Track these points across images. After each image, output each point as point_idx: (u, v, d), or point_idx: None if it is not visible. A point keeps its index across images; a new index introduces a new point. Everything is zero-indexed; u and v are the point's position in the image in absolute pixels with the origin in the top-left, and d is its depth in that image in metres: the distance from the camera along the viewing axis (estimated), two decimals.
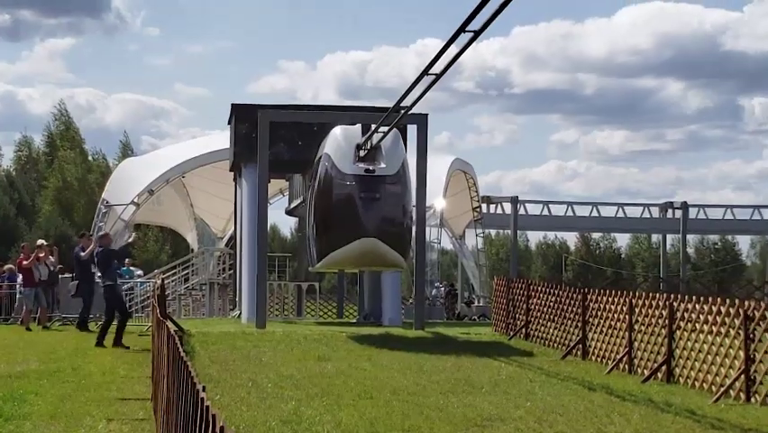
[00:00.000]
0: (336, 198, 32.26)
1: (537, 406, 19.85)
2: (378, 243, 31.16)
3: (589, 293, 30.86)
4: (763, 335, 21.52)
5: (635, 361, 26.51)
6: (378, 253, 31.87)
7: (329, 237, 33.09)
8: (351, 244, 31.44)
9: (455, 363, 28.01)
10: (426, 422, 17.65)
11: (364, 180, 31.51)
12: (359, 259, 33.17)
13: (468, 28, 19.23)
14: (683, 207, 75.73)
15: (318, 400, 19.93)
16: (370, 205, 31.35)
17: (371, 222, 31.35)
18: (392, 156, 32.27)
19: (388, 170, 31.87)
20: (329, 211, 32.81)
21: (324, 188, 32.64)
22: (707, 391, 22.54)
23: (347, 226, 31.72)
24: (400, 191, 32.77)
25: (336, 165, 31.86)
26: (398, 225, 32.79)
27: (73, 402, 19.83)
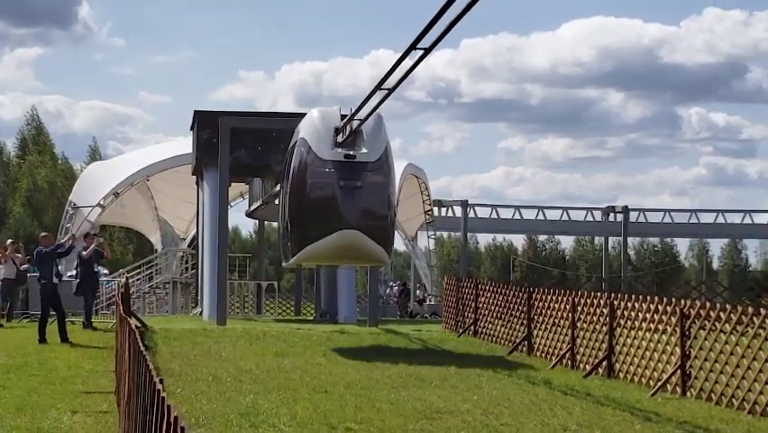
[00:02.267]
0: (313, 186, 27.69)
1: (484, 399, 19.87)
2: (359, 235, 26.81)
3: (534, 292, 31.00)
4: (698, 332, 21.66)
5: (577, 357, 26.63)
6: (359, 247, 27.46)
7: (305, 229, 28.34)
8: (329, 237, 27.00)
9: (406, 358, 28.00)
10: (378, 415, 17.65)
11: (344, 167, 26.89)
12: (338, 253, 28.62)
13: (419, 45, 19.20)
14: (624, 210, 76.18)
15: (275, 394, 19.89)
16: (350, 194, 26.91)
17: (352, 212, 26.93)
18: (374, 141, 27.39)
19: (370, 156, 27.09)
20: (305, 201, 28.01)
21: (299, 176, 27.84)
22: (645, 385, 22.70)
23: (325, 217, 27.15)
24: (383, 179, 28.02)
25: (313, 150, 27.20)
26: (381, 215, 28.27)
27: (39, 395, 19.72)
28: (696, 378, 21.40)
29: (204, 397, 19.36)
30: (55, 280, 31.88)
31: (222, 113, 46.13)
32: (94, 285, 35.32)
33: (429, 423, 16.97)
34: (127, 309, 24.42)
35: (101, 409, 17.84)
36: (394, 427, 16.53)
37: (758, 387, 19.08)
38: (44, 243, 33.30)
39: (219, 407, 18.18)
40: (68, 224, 58.56)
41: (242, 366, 24.65)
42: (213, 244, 44.52)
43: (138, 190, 61.51)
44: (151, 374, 8.83)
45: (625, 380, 23.87)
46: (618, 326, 24.94)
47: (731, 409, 19.54)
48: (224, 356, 26.81)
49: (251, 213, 55.33)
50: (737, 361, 19.92)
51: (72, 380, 22.22)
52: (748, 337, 19.84)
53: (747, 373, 19.52)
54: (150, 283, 59.34)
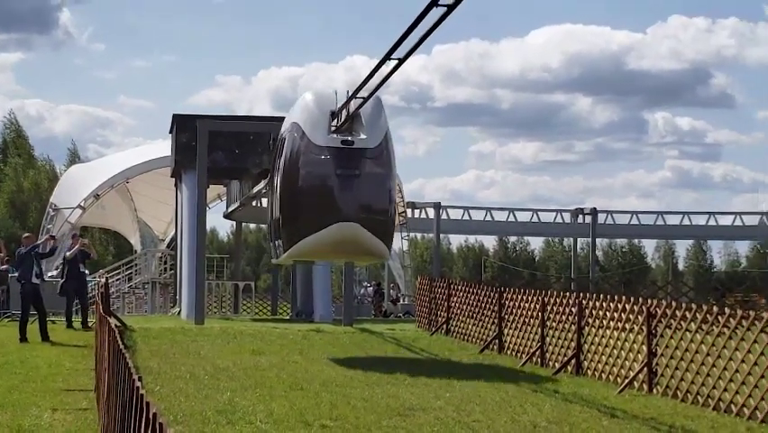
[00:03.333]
0: (307, 175, 24.39)
1: (456, 396, 19.90)
2: (357, 228, 23.64)
3: (505, 292, 31.00)
4: (664, 331, 21.73)
5: (547, 355, 26.65)
6: (357, 241, 24.21)
7: (299, 222, 25.04)
8: (325, 230, 23.77)
9: (380, 357, 28.04)
10: (353, 412, 17.64)
11: (341, 154, 23.74)
12: (334, 247, 25.19)
13: (393, 56, 19.34)
14: (593, 212, 76.36)
15: (252, 392, 19.87)
16: (348, 183, 23.80)
17: (350, 204, 23.77)
18: (374, 126, 24.17)
19: (370, 143, 23.90)
20: (299, 191, 24.72)
21: (292, 164, 24.66)
22: (612, 382, 22.75)
23: (321, 209, 23.98)
24: (383, 167, 24.83)
25: (307, 136, 24.00)
26: (381, 207, 24.96)
27: (20, 393, 19.65)
28: (662, 375, 21.46)
29: (182, 394, 19.32)
30: (36, 280, 31.74)
31: (200, 116, 46.08)
32: (82, 285, 35.14)
33: (402, 420, 16.96)
34: (107, 309, 24.39)
35: (81, 407, 17.80)
36: (368, 423, 16.52)
37: (722, 384, 19.16)
38: (26, 243, 33.17)
39: (197, 404, 18.15)
40: (49, 225, 58.67)
41: (219, 364, 24.60)
42: (191, 245, 44.43)
43: (118, 192, 61.53)
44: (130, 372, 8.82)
45: (593, 377, 23.93)
46: (587, 325, 25.01)
47: (696, 406, 19.62)
48: (201, 355, 26.75)
49: (228, 214, 55.28)
50: (703, 359, 19.99)
51: (53, 378, 22.16)
52: (713, 336, 19.92)
53: (712, 370, 19.60)
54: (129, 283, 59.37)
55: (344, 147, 23.67)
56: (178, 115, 47.67)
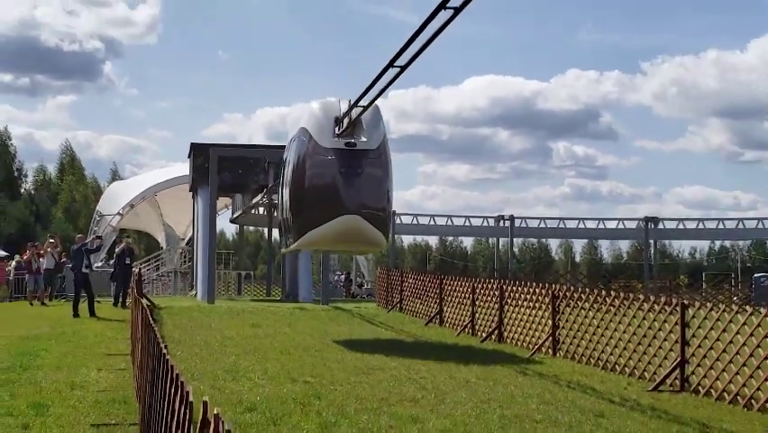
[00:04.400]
0: (315, 173, 22.31)
1: (406, 359, 19.83)
2: (360, 220, 21.57)
3: (444, 279, 31.06)
4: (564, 309, 21.84)
5: (476, 327, 26.68)
6: (359, 231, 21.99)
7: (308, 215, 22.69)
8: (331, 222, 21.72)
9: (350, 328, 27.95)
10: (328, 371, 17.60)
11: (345, 155, 21.75)
12: (339, 237, 22.79)
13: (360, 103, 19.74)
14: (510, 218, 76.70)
15: (251, 355, 19.80)
16: (351, 180, 21.75)
17: (353, 198, 21.74)
18: (373, 131, 22.30)
19: (370, 145, 21.97)
20: (308, 187, 22.54)
21: (301, 164, 22.55)
22: (525, 348, 22.86)
23: (327, 203, 21.84)
24: (382, 167, 22.70)
25: (315, 139, 22.01)
26: (380, 202, 22.66)
27: (73, 357, 19.52)
28: (563, 343, 21.58)
29: (197, 358, 19.24)
30: (85, 270, 31.70)
31: (211, 145, 46.19)
32: (127, 274, 34.94)
33: (366, 376, 16.94)
34: (140, 292, 24.24)
35: (120, 367, 17.69)
36: (340, 379, 16.48)
37: (609, 349, 19.31)
38: (78, 241, 33.17)
39: (209, 365, 18.07)
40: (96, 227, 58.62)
41: (226, 334, 24.48)
42: (204, 243, 44.34)
43: (148, 203, 61.50)
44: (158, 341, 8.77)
45: (511, 344, 23.99)
46: (506, 304, 25.08)
47: (590, 366, 19.75)
48: (212, 327, 26.60)
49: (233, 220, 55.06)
50: (594, 330, 20.11)
51: (98, 345, 22.02)
52: (602, 312, 20.03)
53: (601, 339, 19.74)
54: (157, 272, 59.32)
55: (348, 149, 21.50)
56: (194, 143, 47.64)
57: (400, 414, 13.15)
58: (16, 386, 15.49)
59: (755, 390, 14.62)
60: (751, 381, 14.78)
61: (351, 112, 21.10)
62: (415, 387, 15.77)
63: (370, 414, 13.12)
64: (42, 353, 20.29)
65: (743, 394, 14.90)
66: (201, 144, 46.92)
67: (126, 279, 34.63)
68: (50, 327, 26.78)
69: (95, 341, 22.96)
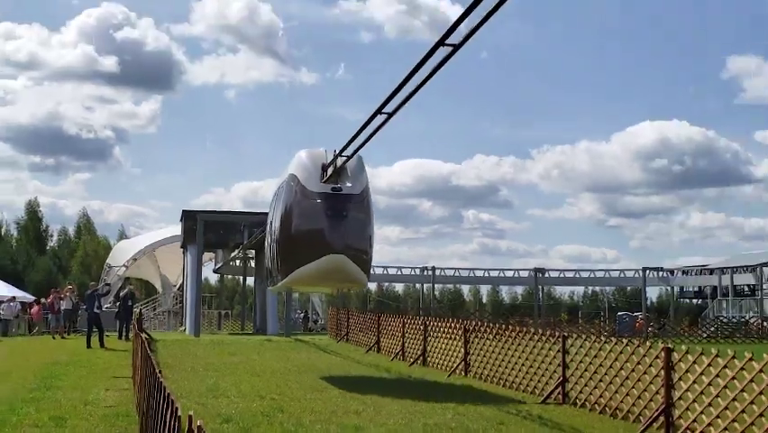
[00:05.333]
0: (303, 215, 19.39)
1: (351, 380, 19.81)
2: (345, 259, 18.88)
3: (381, 316, 31.04)
4: (473, 339, 21.87)
5: (405, 353, 26.58)
6: (344, 270, 19.25)
7: (296, 254, 19.71)
8: (318, 261, 18.95)
9: (307, 355, 27.77)
10: (289, 390, 17.46)
11: (331, 199, 19.10)
12: (325, 275, 19.86)
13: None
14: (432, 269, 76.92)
15: (228, 378, 19.58)
16: (337, 222, 18.97)
17: (339, 239, 18.96)
18: (357, 178, 19.64)
19: (354, 190, 19.36)
20: (296, 228, 19.55)
21: (291, 207, 19.66)
22: (444, 370, 22.74)
23: (314, 243, 19.03)
24: (365, 211, 19.82)
25: (303, 184, 19.30)
26: (363, 243, 19.82)
27: (86, 379, 19.24)
28: (473, 365, 21.57)
29: (185, 379, 19.00)
30: (96, 310, 31.47)
31: (198, 211, 45.92)
32: (129, 314, 34.61)
33: (319, 394, 16.83)
34: (140, 328, 23.95)
35: (123, 388, 17.42)
36: (299, 396, 16.36)
37: (508, 370, 19.32)
38: (91, 288, 33.19)
39: (195, 385, 17.85)
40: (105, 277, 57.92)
41: (208, 361, 24.21)
42: (192, 288, 43.97)
43: (148, 257, 60.91)
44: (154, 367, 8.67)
45: (433, 367, 23.86)
46: (429, 335, 25.07)
47: (493, 384, 19.73)
48: (198, 355, 26.29)
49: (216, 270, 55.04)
50: (496, 355, 20.15)
51: (106, 370, 21.70)
52: (502, 342, 20.09)
53: (502, 362, 19.75)
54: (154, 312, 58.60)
55: (334, 193, 18.65)
56: (185, 210, 47.23)
57: (346, 424, 13.09)
58: (41, 403, 15.30)
59: (620, 402, 14.75)
60: (617, 395, 14.90)
61: (336, 160, 18.37)
62: (357, 402, 15.68)
63: (323, 424, 13.04)
64: (62, 376, 20.07)
65: (611, 406, 15.01)
66: (190, 211, 46.64)
67: (129, 317, 34.26)
68: (68, 355, 26.41)
69: (103, 367, 22.62)
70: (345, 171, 18.76)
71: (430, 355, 24.70)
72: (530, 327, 22.73)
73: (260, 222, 42.33)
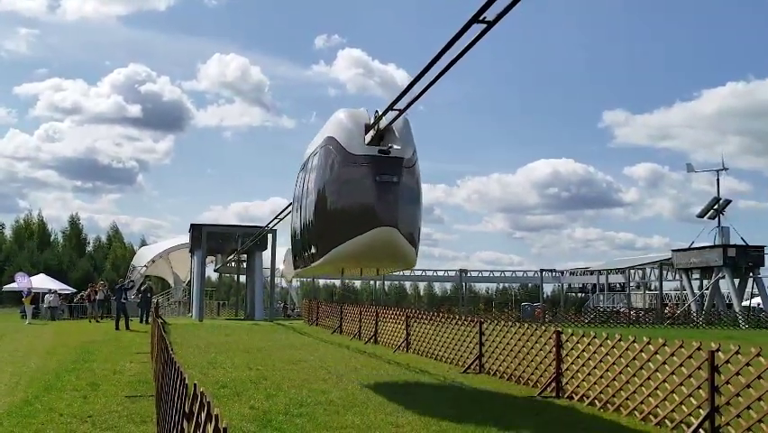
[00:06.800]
0: (345, 182, 12.81)
1: (321, 355, 19.64)
2: (395, 234, 12.53)
3: (343, 306, 31.00)
4: (413, 324, 21.85)
5: (362, 334, 26.51)
6: (394, 246, 12.72)
7: (336, 229, 12.90)
8: (364, 235, 12.47)
9: (286, 335, 27.60)
10: (272, 362, 17.29)
11: (380, 162, 12.60)
12: (371, 253, 12.89)
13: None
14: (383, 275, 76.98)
15: (225, 353, 19.34)
16: (387, 189, 12.54)
17: (388, 209, 12.54)
18: (406, 139, 13.08)
19: (405, 153, 12.81)
20: (337, 198, 12.99)
21: (329, 174, 13.09)
22: (391, 347, 22.65)
23: (359, 215, 12.54)
24: (416, 178, 13.16)
25: (344, 147, 12.84)
26: (415, 215, 13.30)
27: (115, 354, 18.90)
28: (413, 343, 21.54)
29: (191, 354, 18.75)
30: (123, 300, 31.10)
31: (203, 225, 45.65)
32: (148, 303, 34.20)
33: (295, 366, 16.67)
34: (157, 314, 23.65)
35: (144, 361, 17.14)
36: (279, 367, 16.21)
37: (438, 347, 19.30)
38: (120, 283, 32.86)
39: (198, 359, 17.61)
40: (130, 274, 56.91)
41: (209, 340, 23.93)
42: (197, 284, 43.55)
43: (163, 259, 59.91)
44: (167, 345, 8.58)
45: (383, 345, 23.78)
46: (380, 320, 25.04)
47: (429, 358, 19.68)
48: (201, 336, 25.99)
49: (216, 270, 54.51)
50: (430, 336, 20.16)
51: (131, 346, 21.35)
52: (434, 325, 20.13)
53: (434, 341, 19.77)
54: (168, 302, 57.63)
55: (382, 156, 12.35)
56: (193, 223, 46.73)
57: (315, 388, 13.01)
58: (80, 372, 15.09)
59: (522, 372, 14.86)
60: (521, 366, 15.01)
61: (381, 119, 12.23)
62: (324, 372, 15.59)
63: (297, 389, 12.95)
64: (96, 352, 19.72)
65: (516, 375, 15.10)
66: (197, 224, 46.18)
67: (148, 306, 33.86)
68: (101, 336, 25.98)
69: (128, 344, 22.24)
70: (392, 132, 12.54)
71: (380, 336, 24.61)
72: (455, 315, 22.80)
73: (250, 233, 42.18)
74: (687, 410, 10.18)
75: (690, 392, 10.18)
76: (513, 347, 15.34)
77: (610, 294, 73.22)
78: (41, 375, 14.70)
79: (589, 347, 12.70)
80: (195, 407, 4.35)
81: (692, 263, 56.82)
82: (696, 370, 10.14)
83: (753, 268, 54.57)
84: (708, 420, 9.76)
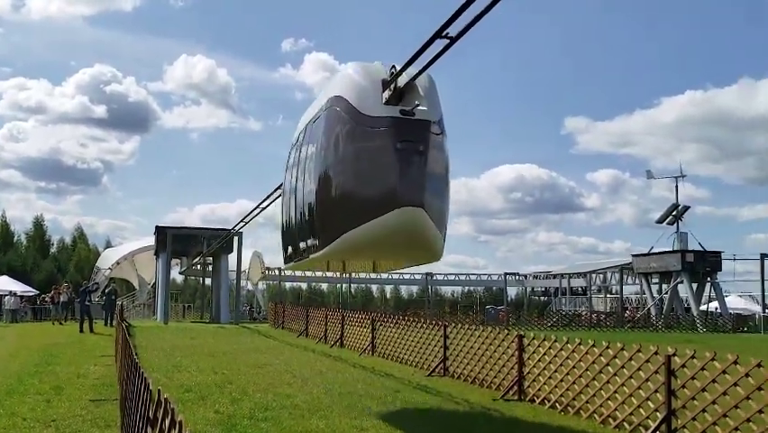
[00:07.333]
0: (359, 151, 8.46)
1: (286, 359, 19.57)
2: (422, 216, 8.16)
3: (309, 309, 30.91)
4: (380, 327, 21.87)
5: (328, 337, 26.40)
6: (419, 231, 8.33)
7: (345, 211, 8.61)
8: (382, 218, 8.14)
9: (251, 339, 27.43)
10: (237, 366, 17.18)
11: (401, 125, 8.20)
12: (389, 240, 8.43)
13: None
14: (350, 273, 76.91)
15: (189, 357, 19.15)
16: (411, 159, 8.12)
17: (414, 185, 8.13)
18: (432, 98, 8.64)
19: (432, 115, 8.42)
20: (348, 171, 8.59)
21: (336, 142, 8.75)
22: (357, 351, 22.61)
23: (378, 192, 8.25)
24: (444, 150, 8.81)
25: (356, 107, 8.45)
26: (445, 195, 9.03)
27: (79, 357, 18.61)
28: (378, 347, 21.55)
29: (155, 358, 18.54)
30: (87, 303, 30.67)
31: (167, 227, 45.27)
32: (112, 305, 33.80)
33: (260, 370, 16.60)
34: (122, 316, 23.37)
35: (108, 364, 16.89)
36: (244, 371, 16.12)
37: (404, 350, 19.36)
38: (84, 286, 32.35)
39: (163, 363, 17.42)
40: (95, 276, 56.13)
41: (174, 343, 23.67)
42: (162, 286, 43.17)
43: (128, 261, 59.11)
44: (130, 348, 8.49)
45: (348, 348, 23.72)
46: (346, 324, 25.01)
47: (393, 361, 19.73)
48: (166, 339, 25.69)
49: (181, 272, 53.74)
50: (395, 339, 20.21)
51: (95, 349, 21.03)
52: (400, 329, 20.19)
53: (399, 344, 19.81)
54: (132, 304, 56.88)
55: (405, 117, 8.72)
56: (158, 226, 46.27)
57: (280, 393, 12.96)
58: (43, 375, 14.84)
59: (486, 375, 14.96)
60: (484, 369, 15.11)
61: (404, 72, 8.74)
62: (289, 376, 15.53)
63: (262, 393, 12.89)
64: (60, 354, 19.39)
65: (479, 378, 15.21)
66: (162, 226, 45.76)
67: (112, 309, 33.48)
68: (64, 338, 25.58)
69: (92, 347, 21.92)
70: (416, 90, 8.95)
71: (346, 339, 24.53)
72: (421, 318, 22.89)
73: (216, 236, 41.88)
74: (645, 413, 10.36)
75: (647, 396, 10.37)
76: (477, 351, 15.44)
77: (572, 298, 74.08)
78: (2, 379, 14.41)
79: (550, 351, 12.85)
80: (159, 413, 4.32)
81: (652, 268, 57.78)
82: (653, 374, 10.33)
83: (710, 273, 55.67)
84: (665, 423, 9.95)
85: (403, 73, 8.63)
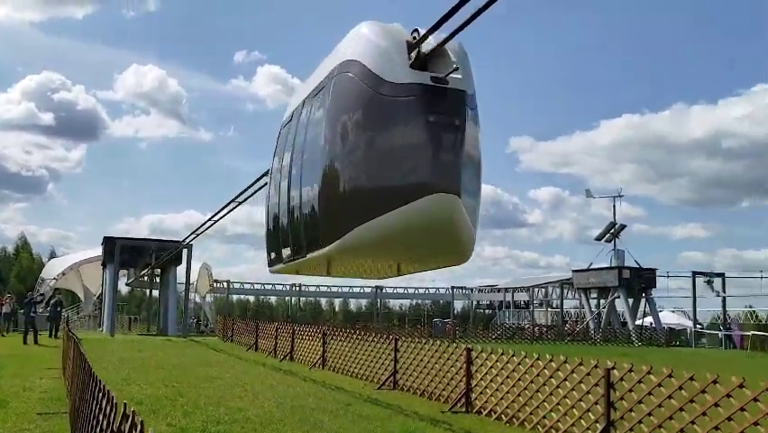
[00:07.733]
0: (381, 125, 5.58)
1: (236, 372, 19.49)
2: (458, 205, 5.46)
3: (258, 323, 30.75)
4: (330, 341, 21.92)
5: (278, 351, 26.24)
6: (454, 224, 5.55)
7: (361, 197, 5.80)
8: (409, 206, 5.42)
9: (200, 352, 27.15)
10: (187, 379, 17.05)
11: (432, 94, 5.47)
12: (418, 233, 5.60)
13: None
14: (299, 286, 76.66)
15: (138, 370, 18.90)
16: (445, 135, 5.38)
17: (448, 166, 5.40)
18: (467, 68, 5.93)
19: (467, 85, 5.69)
20: (364, 151, 5.73)
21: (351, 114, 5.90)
22: (307, 364, 22.60)
23: (404, 174, 5.51)
24: (478, 128, 5.91)
25: (376, 73, 5.65)
26: (478, 184, 6.18)
27: (24, 369, 18.12)
28: (329, 361, 21.58)
29: (104, 371, 18.15)
30: (32, 314, 29.96)
31: (116, 238, 44.51)
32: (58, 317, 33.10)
33: (210, 383, 16.52)
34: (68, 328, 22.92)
35: (55, 376, 16.57)
36: (195, 384, 16.01)
37: (354, 364, 19.46)
38: (28, 297, 31.73)
39: (111, 375, 17.16)
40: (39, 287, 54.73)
41: (122, 356, 23.32)
42: (109, 297, 42.34)
43: (74, 272, 57.79)
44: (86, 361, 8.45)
45: (299, 362, 23.67)
46: (296, 337, 24.98)
47: (344, 375, 19.78)
48: (113, 352, 25.27)
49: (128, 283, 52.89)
50: (346, 353, 20.29)
51: (40, 362, 20.53)
52: (350, 342, 20.29)
53: (349, 357, 19.90)
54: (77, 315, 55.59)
55: (436, 85, 5.93)
56: (105, 236, 45.49)
57: (232, 406, 12.96)
58: None
59: (434, 387, 15.18)
60: (433, 382, 15.33)
61: (424, 40, 6.26)
62: (240, 389, 15.50)
63: (214, 406, 12.87)
64: (3, 367, 18.82)
65: (428, 390, 15.42)
66: (109, 237, 44.97)
67: (58, 320, 32.79)
68: (8, 350, 24.84)
69: (38, 359, 21.43)
70: (446, 56, 6.41)
71: (296, 353, 24.48)
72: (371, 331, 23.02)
73: (165, 247, 41.36)
74: (586, 425, 10.73)
75: (588, 408, 10.75)
76: (426, 364, 15.66)
77: (516, 311, 75.18)
78: None
79: (497, 364, 13.16)
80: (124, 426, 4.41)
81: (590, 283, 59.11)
82: (593, 386, 10.72)
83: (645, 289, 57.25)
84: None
85: (429, 37, 6.37)
